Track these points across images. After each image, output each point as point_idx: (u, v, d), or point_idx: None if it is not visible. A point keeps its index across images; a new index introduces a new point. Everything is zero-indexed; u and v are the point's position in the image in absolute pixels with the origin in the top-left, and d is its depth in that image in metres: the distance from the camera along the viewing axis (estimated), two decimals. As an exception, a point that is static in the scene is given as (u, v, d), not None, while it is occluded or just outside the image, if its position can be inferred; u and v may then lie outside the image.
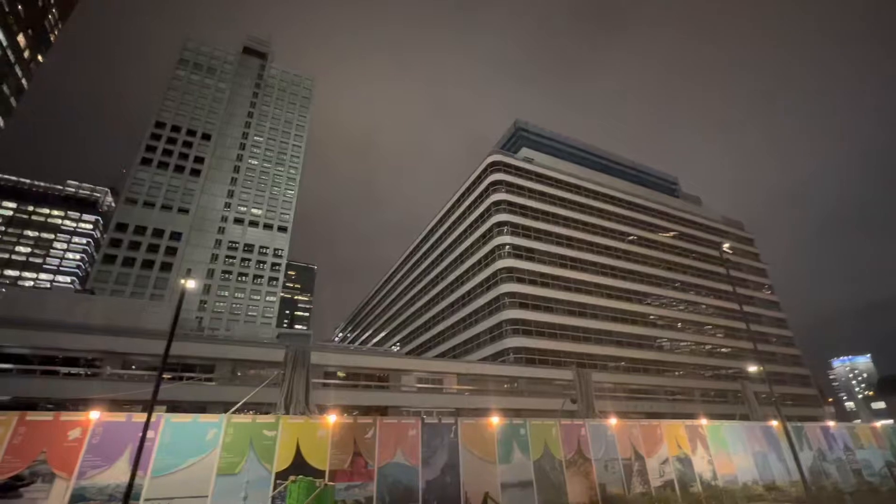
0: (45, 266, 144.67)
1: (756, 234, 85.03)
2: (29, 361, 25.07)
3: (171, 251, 76.08)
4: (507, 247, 53.09)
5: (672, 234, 71.15)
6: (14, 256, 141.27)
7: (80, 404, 23.09)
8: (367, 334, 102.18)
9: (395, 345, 78.93)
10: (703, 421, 20.95)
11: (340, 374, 32.08)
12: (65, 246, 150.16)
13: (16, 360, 24.54)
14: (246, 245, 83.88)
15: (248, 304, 79.55)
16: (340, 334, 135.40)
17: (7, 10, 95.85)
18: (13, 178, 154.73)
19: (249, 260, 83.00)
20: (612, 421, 18.45)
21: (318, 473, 12.55)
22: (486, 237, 55.91)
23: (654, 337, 59.03)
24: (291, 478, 10.65)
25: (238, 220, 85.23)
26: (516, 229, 54.67)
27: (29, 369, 24.60)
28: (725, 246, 32.30)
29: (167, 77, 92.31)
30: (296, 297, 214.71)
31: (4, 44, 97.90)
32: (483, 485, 14.53)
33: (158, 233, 76.49)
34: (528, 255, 53.87)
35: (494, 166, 58.89)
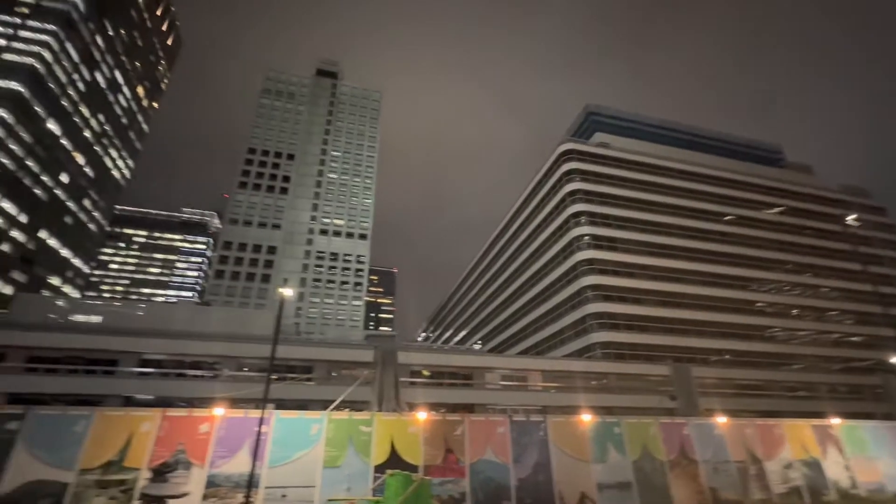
0: (170, 283, 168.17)
1: (890, 203, 72.26)
2: (165, 366, 29.22)
3: (269, 264, 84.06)
4: (587, 238, 50.88)
5: (778, 209, 63.12)
6: (148, 277, 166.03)
7: (205, 402, 26.39)
8: (448, 333, 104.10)
9: (476, 343, 79.48)
10: (835, 420, 18.32)
11: (425, 372, 33.00)
12: (185, 265, 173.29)
13: (155, 365, 28.72)
14: (331, 254, 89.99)
15: (337, 309, 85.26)
16: (423, 334, 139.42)
17: (129, 67, 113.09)
18: (142, 210, 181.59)
19: (335, 267, 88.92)
20: (720, 419, 16.83)
21: (412, 468, 13.04)
22: (562, 229, 54.12)
23: (764, 326, 52.79)
24: (388, 472, 11.19)
25: (323, 231, 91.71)
26: (595, 219, 52.20)
27: (165, 372, 28.67)
28: (850, 218, 27.95)
29: (254, 106, 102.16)
30: (379, 301, 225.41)
31: (129, 96, 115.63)
32: (578, 485, 14.07)
33: (257, 248, 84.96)
34: (610, 244, 51.15)
35: (566, 155, 56.80)
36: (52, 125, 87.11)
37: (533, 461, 14.36)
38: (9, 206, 78.46)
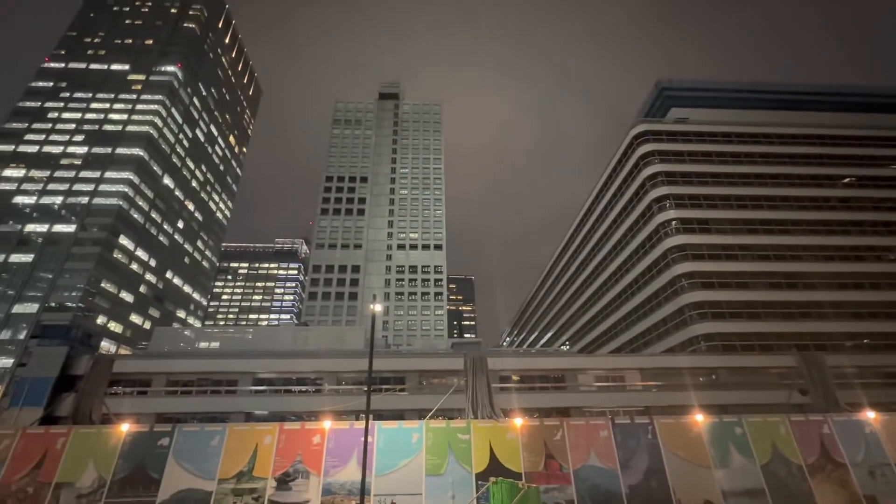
0: (272, 308, 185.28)
1: None
2: (275, 383, 32.08)
3: (355, 282, 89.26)
4: (674, 222, 47.06)
5: (915, 162, 53.30)
6: (252, 304, 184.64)
7: (312, 415, 28.44)
8: (533, 335, 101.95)
9: (564, 344, 76.89)
10: None
11: (515, 377, 32.54)
12: (282, 291, 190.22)
13: (267, 383, 31.64)
14: (410, 267, 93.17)
15: (421, 320, 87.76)
16: (507, 339, 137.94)
17: (221, 120, 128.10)
18: (242, 244, 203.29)
19: (415, 280, 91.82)
20: (870, 415, 14.42)
21: (514, 475, 12.85)
22: (645, 216, 50.64)
23: (914, 302, 44.53)
24: (492, 479, 11.14)
25: (400, 246, 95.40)
26: (681, 201, 48.13)
27: (276, 389, 31.46)
28: None
29: (327, 137, 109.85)
30: (460, 308, 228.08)
31: (223, 146, 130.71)
32: (699, 491, 12.86)
33: (343, 268, 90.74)
34: (703, 226, 46.77)
35: (641, 138, 53.27)
36: (167, 180, 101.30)
37: (644, 466, 13.43)
38: (142, 254, 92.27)
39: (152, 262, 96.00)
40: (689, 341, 42.13)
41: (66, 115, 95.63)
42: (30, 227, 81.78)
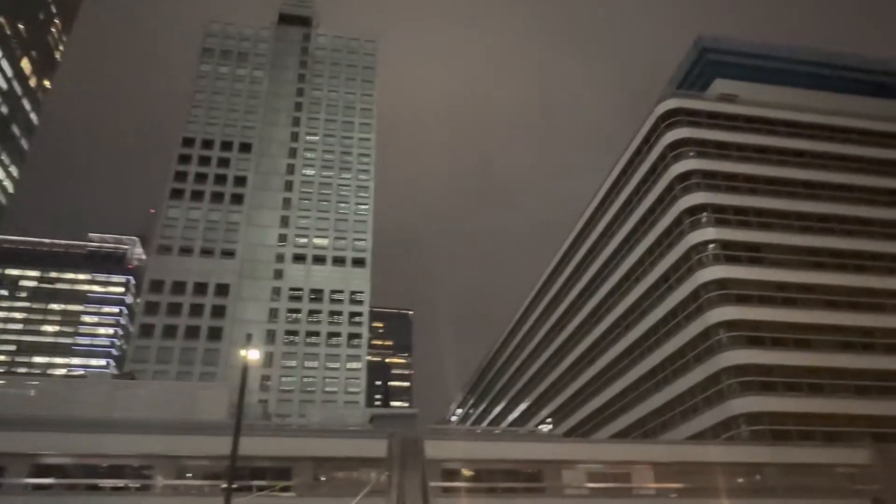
0: (75, 347, 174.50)
1: None
2: (70, 474, 30.00)
3: (219, 311, 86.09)
4: (712, 246, 49.67)
5: None
6: (42, 339, 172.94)
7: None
8: (498, 408, 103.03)
9: (544, 422, 78.23)
10: None
11: (466, 472, 32.58)
12: (95, 319, 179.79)
13: (57, 473, 29.52)
14: (313, 291, 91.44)
15: (323, 376, 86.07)
16: (459, 410, 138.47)
17: (9, 31, 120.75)
18: (30, 239, 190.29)
19: (320, 312, 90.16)
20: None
21: None
22: (672, 235, 53.08)
23: None
24: None
25: (298, 257, 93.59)
26: (724, 215, 50.96)
27: (72, 484, 29.43)
28: None
29: (192, 77, 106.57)
30: (388, 361, 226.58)
31: (9, 74, 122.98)
32: None
33: (201, 288, 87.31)
34: (752, 254, 49.69)
35: (671, 118, 56.08)
36: None
37: None
38: None
39: None
40: (725, 423, 44.13)
41: None
42: None
